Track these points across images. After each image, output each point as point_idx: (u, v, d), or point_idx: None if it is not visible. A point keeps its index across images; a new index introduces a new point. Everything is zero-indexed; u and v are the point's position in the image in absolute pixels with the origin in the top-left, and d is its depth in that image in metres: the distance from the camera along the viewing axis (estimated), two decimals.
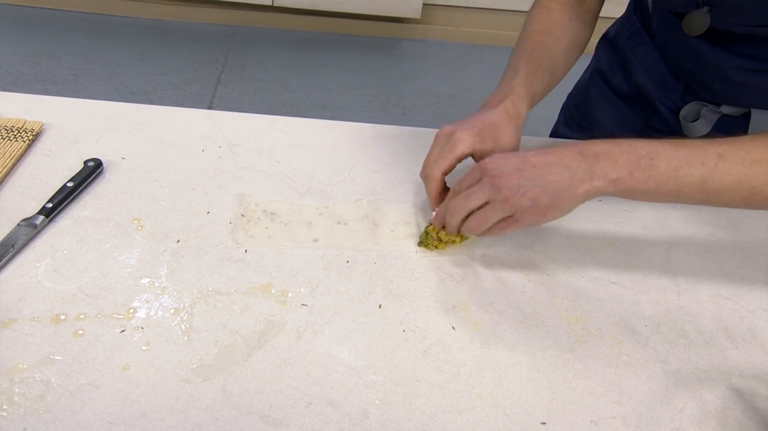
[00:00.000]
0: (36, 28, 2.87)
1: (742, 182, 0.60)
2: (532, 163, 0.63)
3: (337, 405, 0.58)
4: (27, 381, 0.57)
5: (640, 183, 0.62)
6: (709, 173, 0.60)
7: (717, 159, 0.60)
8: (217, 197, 0.78)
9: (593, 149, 0.63)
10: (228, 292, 0.67)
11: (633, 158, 0.62)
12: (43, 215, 0.71)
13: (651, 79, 0.97)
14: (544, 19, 0.85)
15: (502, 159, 0.65)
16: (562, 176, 0.62)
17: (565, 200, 0.63)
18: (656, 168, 0.61)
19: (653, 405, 0.61)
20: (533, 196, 0.63)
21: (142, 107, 0.91)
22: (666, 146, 0.62)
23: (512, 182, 0.63)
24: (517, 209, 0.64)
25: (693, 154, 0.61)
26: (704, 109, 0.91)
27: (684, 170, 0.61)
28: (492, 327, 0.67)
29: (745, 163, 0.60)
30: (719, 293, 0.73)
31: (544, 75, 0.80)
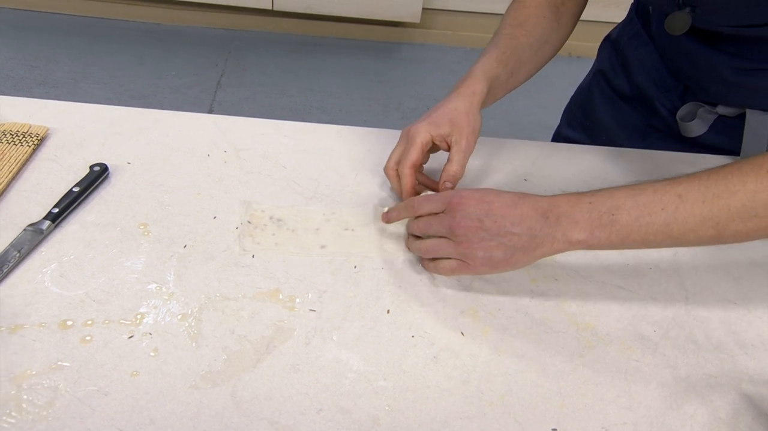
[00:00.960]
0: (35, 32, 2.86)
1: (706, 220, 0.59)
2: (495, 217, 0.63)
3: (348, 412, 0.58)
4: (35, 387, 0.56)
5: (602, 240, 0.61)
6: (671, 217, 0.60)
7: (677, 201, 0.60)
8: (224, 201, 0.78)
9: (556, 211, 0.62)
10: (236, 297, 0.67)
11: (594, 216, 0.61)
12: (49, 220, 0.70)
13: (651, 80, 0.97)
14: (518, 14, 0.86)
15: (468, 202, 0.65)
16: (521, 237, 0.63)
17: (519, 259, 0.64)
18: (617, 222, 0.61)
19: (664, 411, 0.60)
20: (487, 249, 0.63)
21: (147, 112, 0.90)
22: (627, 197, 0.61)
23: (470, 232, 0.64)
24: (470, 257, 0.64)
25: (653, 200, 0.60)
26: (701, 109, 0.92)
27: (645, 219, 0.60)
28: (501, 332, 0.66)
29: (706, 200, 0.59)
30: (727, 298, 0.72)
31: (508, 62, 0.82)
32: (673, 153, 0.94)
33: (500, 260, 0.64)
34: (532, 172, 0.88)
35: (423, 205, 0.69)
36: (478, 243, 0.64)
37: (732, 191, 0.58)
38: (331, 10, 2.88)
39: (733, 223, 0.59)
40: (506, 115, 2.70)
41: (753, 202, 0.58)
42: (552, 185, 0.86)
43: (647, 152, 0.95)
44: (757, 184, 0.58)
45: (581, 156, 0.92)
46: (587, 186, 0.86)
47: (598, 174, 0.89)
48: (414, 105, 2.70)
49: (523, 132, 2.63)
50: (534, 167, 0.89)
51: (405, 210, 0.72)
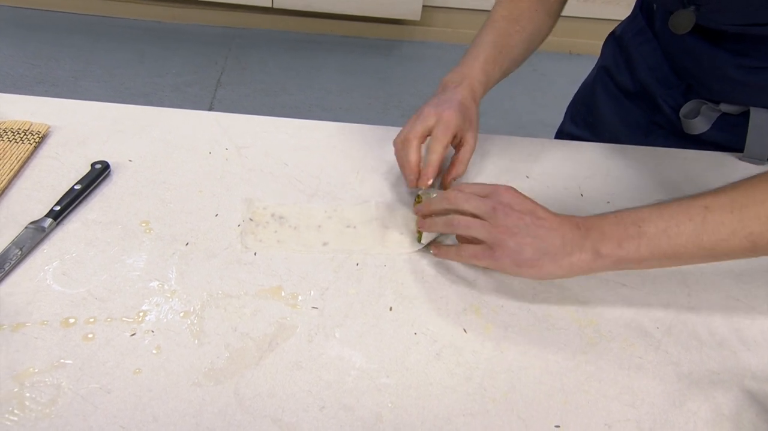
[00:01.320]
0: (35, 30, 2.86)
1: (737, 230, 0.58)
2: (539, 216, 0.64)
3: (351, 409, 0.58)
4: (38, 385, 0.56)
5: (631, 253, 0.60)
6: (700, 227, 0.59)
7: (704, 212, 0.59)
8: (225, 199, 0.78)
9: (586, 224, 0.63)
10: (238, 295, 0.67)
11: (620, 228, 0.61)
12: (51, 217, 0.70)
13: (654, 77, 0.97)
14: (512, 8, 0.87)
15: (518, 197, 0.66)
16: (554, 241, 0.62)
17: (545, 265, 0.62)
18: (645, 234, 0.60)
19: (667, 408, 0.60)
20: (519, 242, 0.63)
21: (148, 109, 0.90)
22: (651, 210, 0.61)
23: (510, 219, 0.63)
24: (500, 244, 0.63)
25: (678, 212, 0.60)
26: (704, 107, 0.92)
27: (673, 230, 0.59)
28: (503, 329, 0.66)
29: (734, 210, 0.58)
30: (730, 294, 0.72)
31: (504, 63, 0.84)
32: (676, 150, 0.94)
33: (527, 259, 0.62)
34: (534, 169, 0.88)
35: (466, 187, 0.69)
36: (513, 232, 0.63)
37: (759, 200, 0.58)
38: (332, 8, 2.87)
39: (762, 233, 0.58)
40: (507, 113, 2.70)
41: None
42: (554, 181, 0.86)
43: (650, 148, 0.94)
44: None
45: (583, 152, 0.92)
46: (589, 182, 0.86)
47: (600, 170, 0.88)
48: (415, 103, 2.69)
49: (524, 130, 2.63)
50: (536, 163, 0.89)
51: (440, 203, 0.70)
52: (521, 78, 2.94)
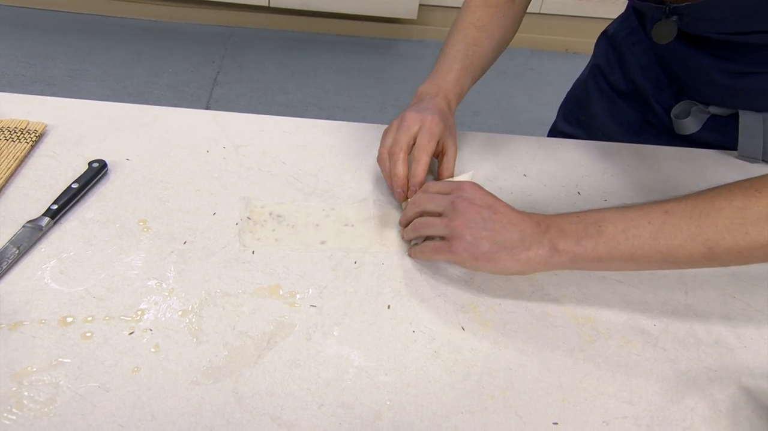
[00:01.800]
0: (31, 29, 2.85)
1: (694, 236, 0.58)
2: (498, 210, 0.65)
3: (349, 407, 0.58)
4: (36, 384, 0.56)
5: (588, 251, 0.61)
6: (657, 230, 0.59)
7: (664, 216, 0.60)
8: (223, 198, 0.77)
9: (546, 221, 0.64)
10: (236, 293, 0.67)
11: (581, 227, 0.62)
12: (48, 216, 0.70)
13: (646, 77, 0.98)
14: (482, 15, 0.87)
15: (479, 191, 0.67)
16: (512, 236, 0.63)
17: (502, 257, 0.63)
18: (604, 233, 0.61)
19: (664, 405, 0.60)
20: (476, 235, 0.64)
21: (146, 108, 0.90)
22: (614, 212, 0.62)
23: (468, 213, 0.65)
24: (457, 237, 0.65)
25: (640, 215, 0.61)
26: (694, 108, 0.93)
27: (632, 231, 0.60)
28: (501, 327, 0.66)
29: (692, 216, 0.59)
30: (727, 292, 0.73)
31: (475, 72, 0.85)
32: (673, 148, 0.94)
33: (484, 252, 0.63)
34: (531, 167, 0.88)
35: (430, 186, 0.71)
36: (470, 226, 0.64)
37: (718, 207, 0.58)
38: (328, 7, 2.88)
39: (724, 240, 0.58)
40: (505, 111, 2.70)
41: (741, 218, 0.57)
42: (551, 180, 0.86)
43: (646, 146, 0.95)
44: (744, 201, 0.57)
45: (580, 151, 0.92)
46: (586, 180, 0.86)
47: (597, 169, 0.89)
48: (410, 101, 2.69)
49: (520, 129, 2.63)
50: (533, 162, 0.89)
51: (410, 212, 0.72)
52: (518, 77, 2.95)
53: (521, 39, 3.10)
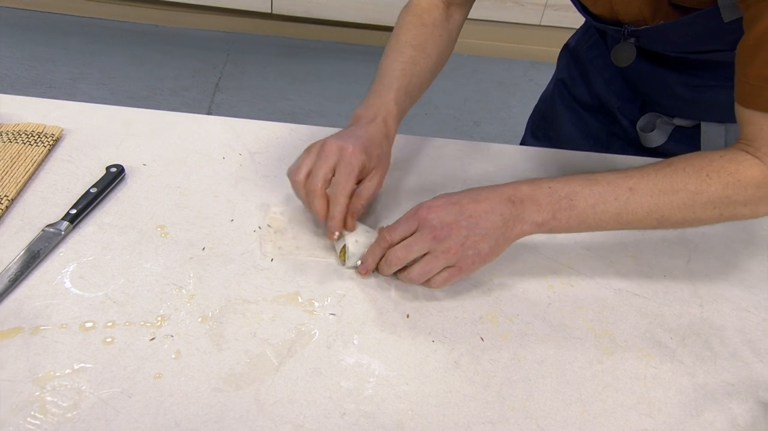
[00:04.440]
0: (33, 32, 2.84)
1: (652, 212, 0.66)
2: (468, 212, 0.65)
3: (371, 416, 0.58)
4: (58, 389, 0.56)
5: (562, 223, 0.66)
6: (622, 207, 0.65)
7: (629, 193, 0.65)
8: (240, 204, 0.78)
9: (519, 194, 0.66)
10: (256, 300, 0.67)
11: (554, 200, 0.66)
12: (67, 221, 0.70)
13: (610, 90, 0.99)
14: (418, 33, 0.84)
15: (438, 210, 0.66)
16: (496, 223, 0.65)
17: (501, 244, 0.67)
18: (575, 208, 0.66)
19: (683, 419, 0.61)
20: (474, 244, 0.65)
21: (161, 114, 0.90)
22: (583, 185, 0.66)
23: (453, 234, 0.65)
24: (461, 258, 0.65)
25: (607, 190, 0.66)
26: (659, 120, 0.94)
27: (600, 207, 0.66)
28: (520, 338, 0.67)
29: (653, 194, 0.65)
30: (741, 306, 0.73)
31: (413, 92, 0.82)
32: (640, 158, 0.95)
33: (487, 251, 0.66)
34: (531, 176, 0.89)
35: (394, 233, 0.67)
36: (464, 243, 0.65)
37: (676, 189, 0.65)
38: (330, 15, 2.88)
39: (674, 216, 0.66)
40: (505, 122, 2.71)
41: (692, 201, 0.65)
42: None
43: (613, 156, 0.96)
44: (698, 185, 0.64)
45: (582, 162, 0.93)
46: None
47: None
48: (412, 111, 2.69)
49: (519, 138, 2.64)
50: (535, 172, 0.90)
51: (378, 249, 0.68)
52: (517, 87, 2.96)
53: (521, 50, 3.14)
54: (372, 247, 0.70)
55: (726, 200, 0.64)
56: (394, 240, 0.67)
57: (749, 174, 0.64)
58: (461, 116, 2.73)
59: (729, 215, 0.66)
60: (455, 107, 2.78)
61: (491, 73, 3.06)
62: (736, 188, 0.64)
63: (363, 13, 2.88)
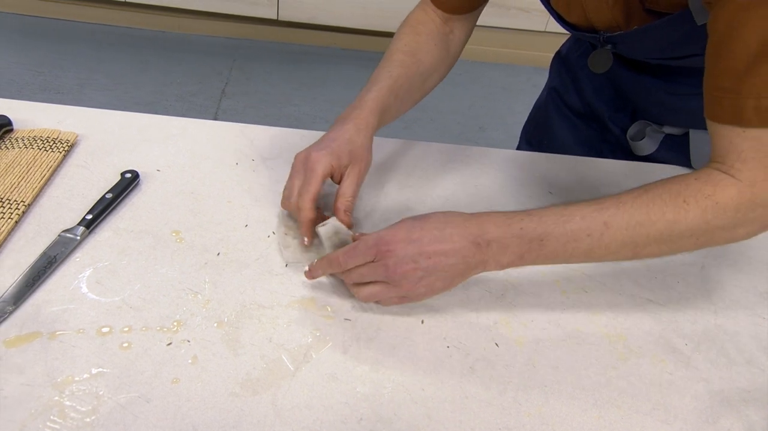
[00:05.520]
0: (41, 38, 2.86)
1: (626, 245, 0.63)
2: (428, 254, 0.62)
3: (388, 422, 0.58)
4: (77, 393, 0.56)
5: (529, 262, 0.65)
6: (595, 243, 0.62)
7: (603, 228, 0.62)
8: (254, 210, 0.78)
9: (486, 237, 0.63)
10: (271, 306, 0.67)
11: (524, 242, 0.63)
12: (83, 226, 0.70)
13: (600, 99, 0.99)
14: (410, 41, 0.85)
15: (397, 246, 0.63)
16: (456, 266, 0.63)
17: (457, 282, 0.65)
18: (545, 248, 0.63)
19: (700, 425, 0.61)
20: (428, 285, 0.64)
21: (175, 120, 0.91)
22: (557, 224, 0.63)
23: (408, 275, 0.63)
24: (412, 295, 0.65)
25: (581, 227, 0.62)
26: (649, 128, 0.94)
27: (572, 245, 0.63)
28: (534, 344, 0.67)
29: (629, 227, 0.62)
30: (755, 312, 0.73)
31: (399, 92, 0.81)
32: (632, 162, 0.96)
33: (441, 288, 0.65)
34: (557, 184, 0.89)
35: (349, 260, 0.65)
36: (418, 282, 0.63)
37: (653, 220, 0.61)
38: (336, 21, 2.89)
39: (649, 247, 0.63)
40: (509, 128, 2.72)
41: (670, 231, 0.61)
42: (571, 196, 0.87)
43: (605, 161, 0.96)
44: (675, 214, 0.61)
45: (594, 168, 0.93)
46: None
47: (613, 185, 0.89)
48: (416, 116, 2.71)
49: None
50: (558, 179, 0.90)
51: (330, 266, 0.67)
52: (522, 93, 2.97)
53: (525, 56, 3.14)
54: (324, 262, 0.67)
55: (705, 225, 0.61)
56: (347, 267, 0.65)
57: (727, 195, 0.60)
58: (466, 122, 2.73)
59: (706, 240, 0.63)
60: (460, 113, 2.78)
61: (496, 79, 3.07)
62: (715, 212, 0.60)
63: (368, 20, 2.89)
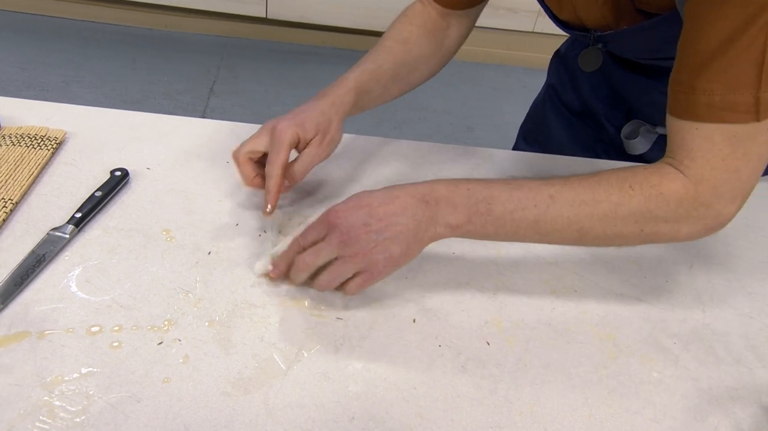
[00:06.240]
0: (25, 34, 2.83)
1: (572, 223, 0.63)
2: (378, 215, 0.62)
3: (380, 421, 0.58)
4: (67, 393, 0.56)
5: (478, 227, 0.64)
6: (541, 215, 0.63)
7: (549, 201, 0.63)
8: (245, 209, 0.78)
9: (434, 195, 0.63)
10: (263, 305, 0.67)
11: (471, 202, 0.63)
12: (72, 224, 0.70)
13: (597, 97, 1.00)
14: (402, 30, 0.86)
15: (347, 213, 0.63)
16: (407, 225, 0.62)
17: (413, 247, 0.64)
18: (492, 212, 0.63)
19: (689, 423, 0.61)
20: (384, 248, 0.62)
21: (165, 117, 0.90)
22: (502, 190, 0.63)
23: (362, 238, 0.62)
24: (370, 262, 0.63)
25: (528, 196, 0.63)
26: (643, 128, 0.94)
27: (519, 213, 0.63)
28: (525, 343, 0.67)
29: (574, 204, 0.62)
30: (743, 312, 0.74)
31: (382, 77, 0.82)
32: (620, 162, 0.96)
33: (399, 254, 0.63)
34: None
35: (304, 240, 0.65)
36: (373, 247, 0.62)
37: (597, 200, 0.62)
38: (326, 20, 2.89)
39: (594, 229, 0.64)
40: (498, 128, 2.73)
41: (614, 213, 0.62)
42: None
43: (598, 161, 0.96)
44: (620, 197, 0.62)
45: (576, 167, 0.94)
46: None
47: None
48: (407, 116, 2.71)
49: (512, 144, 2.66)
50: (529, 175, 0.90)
51: (291, 251, 0.67)
52: (510, 93, 2.98)
53: (514, 57, 3.15)
54: (284, 252, 0.68)
55: (648, 213, 0.62)
56: (305, 245, 0.65)
57: (672, 188, 0.62)
58: (456, 121, 2.74)
59: (650, 231, 0.64)
60: (450, 112, 2.79)
61: (485, 79, 3.08)
62: (658, 202, 0.62)
63: (358, 19, 2.89)
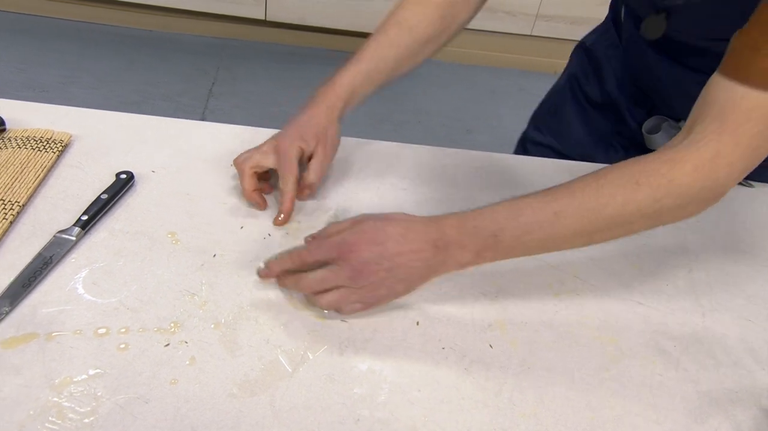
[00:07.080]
0: (23, 35, 2.83)
1: (579, 235, 0.64)
2: (392, 256, 0.63)
3: (386, 423, 0.58)
4: (75, 394, 0.56)
5: (488, 259, 0.66)
6: (548, 235, 0.64)
7: (554, 219, 0.63)
8: (250, 212, 0.78)
9: (445, 239, 0.64)
10: (268, 307, 0.67)
11: (479, 239, 0.64)
12: (78, 227, 0.70)
13: (621, 90, 1.01)
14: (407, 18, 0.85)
15: (361, 248, 0.63)
16: (419, 269, 0.65)
17: (417, 284, 0.67)
18: (500, 244, 0.64)
19: (689, 425, 0.62)
20: (391, 285, 0.65)
21: (170, 121, 0.91)
22: (508, 217, 0.64)
23: (371, 277, 0.64)
24: (374, 296, 0.66)
25: (532, 220, 0.64)
26: (665, 123, 0.95)
27: (526, 237, 0.64)
28: (528, 345, 0.68)
29: (579, 216, 0.63)
30: (742, 315, 0.75)
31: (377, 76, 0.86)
32: None
33: (402, 290, 0.66)
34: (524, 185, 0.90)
35: (314, 254, 0.66)
36: (380, 284, 0.64)
37: (603, 204, 0.63)
38: (324, 22, 2.90)
39: (601, 233, 0.65)
40: (495, 130, 2.74)
41: (621, 214, 0.63)
42: None
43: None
44: (626, 196, 0.62)
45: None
46: None
47: None
48: (405, 119, 2.72)
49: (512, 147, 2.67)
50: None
51: (291, 259, 0.67)
52: (508, 96, 2.99)
53: (512, 60, 3.17)
54: (284, 257, 0.68)
55: (656, 204, 0.62)
56: (309, 263, 0.66)
57: (683, 171, 0.62)
58: (452, 124, 2.75)
59: (657, 219, 0.64)
60: (447, 115, 2.80)
61: (483, 82, 3.08)
62: (668, 190, 0.62)
63: (357, 21, 2.89)
